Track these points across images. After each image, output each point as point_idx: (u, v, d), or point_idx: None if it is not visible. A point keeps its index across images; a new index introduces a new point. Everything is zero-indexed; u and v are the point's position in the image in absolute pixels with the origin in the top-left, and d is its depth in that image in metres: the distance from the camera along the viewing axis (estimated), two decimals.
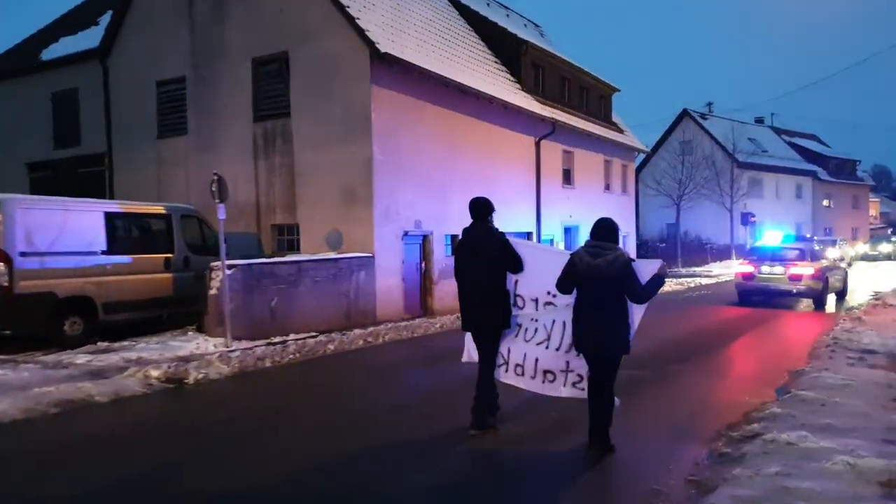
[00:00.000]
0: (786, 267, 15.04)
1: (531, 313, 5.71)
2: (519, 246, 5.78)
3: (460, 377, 8.29)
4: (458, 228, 16.20)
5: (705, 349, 10.00)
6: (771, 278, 15.24)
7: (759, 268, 15.52)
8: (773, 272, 15.20)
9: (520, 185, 18.64)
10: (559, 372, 5.65)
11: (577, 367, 5.53)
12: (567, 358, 5.56)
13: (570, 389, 5.64)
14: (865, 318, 12.49)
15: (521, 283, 5.75)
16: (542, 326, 5.67)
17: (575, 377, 5.58)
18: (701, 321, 13.15)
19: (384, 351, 10.50)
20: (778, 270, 15.12)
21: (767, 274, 15.30)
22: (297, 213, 13.95)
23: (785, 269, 14.98)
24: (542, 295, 5.64)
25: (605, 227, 5.10)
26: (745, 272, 15.88)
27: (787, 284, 14.93)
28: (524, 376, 5.83)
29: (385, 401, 7.28)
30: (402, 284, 13.80)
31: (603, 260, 4.90)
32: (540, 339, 5.69)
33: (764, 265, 15.47)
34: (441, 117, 15.23)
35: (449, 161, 15.49)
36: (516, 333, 5.79)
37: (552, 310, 5.60)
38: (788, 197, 44.86)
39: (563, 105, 21.63)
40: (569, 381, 5.62)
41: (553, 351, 5.64)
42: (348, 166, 13.21)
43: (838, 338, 10.20)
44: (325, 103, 13.45)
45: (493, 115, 17.18)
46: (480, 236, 5.72)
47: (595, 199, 23.62)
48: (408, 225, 14.00)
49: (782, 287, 15.04)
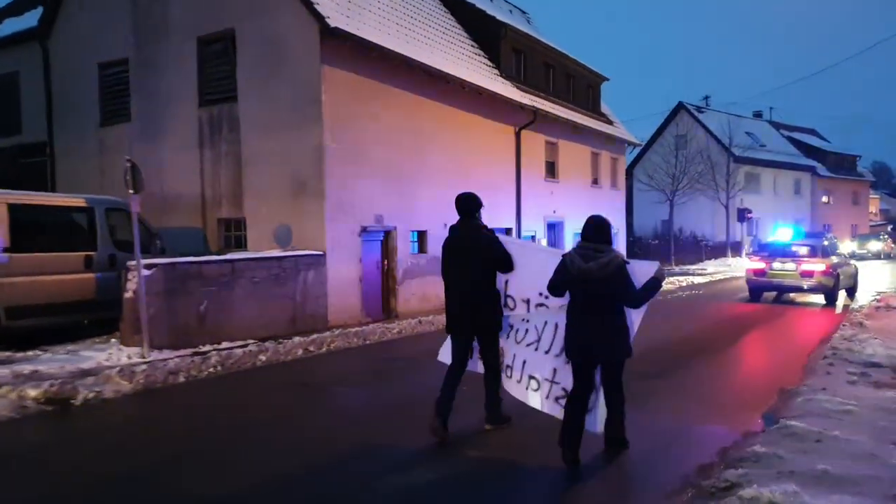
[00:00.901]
0: (797, 263, 15.05)
1: (522, 314, 5.47)
2: (509, 244, 5.51)
3: (407, 393, 7.12)
4: (426, 224, 15.12)
5: (684, 361, 8.76)
6: (782, 274, 15.26)
7: (770, 264, 15.49)
8: (785, 268, 15.21)
9: (498, 177, 17.41)
10: (543, 381, 5.31)
11: (562, 380, 5.16)
12: (555, 364, 5.22)
13: (551, 404, 5.25)
14: (868, 324, 11.28)
15: (512, 284, 5.50)
16: (534, 328, 5.42)
17: (559, 391, 5.19)
18: (686, 325, 11.95)
19: (326, 362, 9.28)
20: (789, 266, 15.14)
21: (779, 270, 15.29)
22: (244, 207, 12.71)
23: (796, 265, 15.01)
24: (533, 296, 5.37)
25: (598, 227, 4.78)
26: (756, 268, 15.85)
27: (798, 280, 14.97)
28: (511, 379, 5.58)
29: (303, 431, 6.03)
30: (360, 285, 12.57)
31: (595, 263, 4.60)
32: (530, 341, 5.44)
33: (775, 261, 15.45)
34: (408, 103, 13.99)
35: (417, 151, 14.26)
36: (507, 334, 5.56)
37: (544, 311, 5.33)
38: (787, 192, 43.65)
39: (546, 93, 20.38)
40: (552, 395, 5.25)
41: (542, 354, 5.34)
42: (297, 155, 11.97)
43: (838, 348, 8.99)
44: (273, 85, 12.20)
45: (467, 101, 15.94)
46: (467, 234, 5.43)
47: (582, 193, 22.39)
48: (367, 220, 12.76)
49: (793, 283, 15.10)
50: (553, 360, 5.25)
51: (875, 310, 13.35)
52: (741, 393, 7.28)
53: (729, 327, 12.02)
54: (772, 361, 9.02)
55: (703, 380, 7.89)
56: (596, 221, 4.79)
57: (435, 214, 14.82)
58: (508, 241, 5.63)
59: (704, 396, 7.04)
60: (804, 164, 45.47)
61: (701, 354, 9.28)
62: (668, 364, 8.46)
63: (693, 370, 8.33)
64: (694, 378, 7.90)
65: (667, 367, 8.24)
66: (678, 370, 8.22)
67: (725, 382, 7.84)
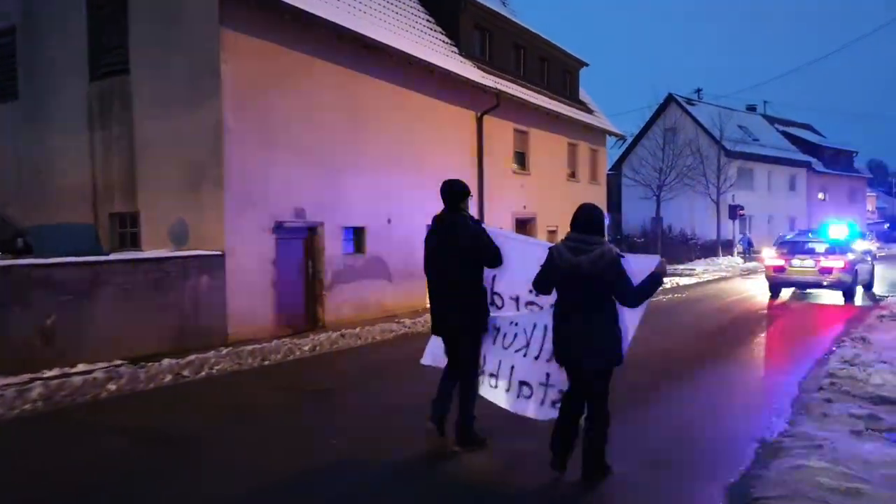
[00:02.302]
0: (816, 260, 15.22)
1: (511, 315, 5.07)
2: (497, 237, 5.05)
3: (280, 459, 5.15)
4: (365, 219, 12.56)
5: (640, 394, 6.85)
6: (801, 271, 15.43)
7: (789, 261, 15.66)
8: (804, 265, 15.39)
9: (455, 167, 15.46)
10: (537, 385, 4.86)
11: (558, 383, 4.72)
12: (548, 369, 4.77)
13: (549, 409, 4.76)
14: (871, 339, 9.42)
15: (500, 280, 5.09)
16: (522, 331, 4.97)
17: (555, 394, 4.74)
18: (657, 338, 10.04)
19: (195, 393, 7.33)
20: (808, 263, 15.33)
21: (798, 267, 15.47)
22: (138, 199, 10.79)
23: (815, 263, 15.18)
24: (522, 293, 4.97)
25: (589, 216, 4.30)
26: (776, 265, 15.95)
27: (817, 277, 15.14)
28: (498, 389, 5.09)
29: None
30: (274, 292, 10.65)
31: (586, 257, 4.13)
32: (518, 346, 4.97)
33: (794, 258, 15.65)
34: (341, 79, 12.07)
35: (353, 134, 12.35)
36: (494, 338, 5.10)
37: (534, 311, 4.93)
38: (781, 189, 41.84)
39: (515, 77, 18.47)
40: (548, 399, 4.79)
41: (531, 360, 4.89)
42: (194, 137, 10.04)
43: (837, 375, 7.12)
44: (168, 54, 10.29)
45: (418, 81, 14.05)
46: (451, 226, 4.97)
47: (557, 187, 20.50)
48: (283, 214, 10.85)
49: (813, 279, 15.28)
50: (545, 365, 4.77)
51: (879, 320, 11.50)
52: (709, 443, 5.39)
53: (708, 341, 10.16)
54: (753, 393, 7.15)
55: (659, 423, 5.99)
56: (587, 211, 4.29)
57: (376, 208, 12.96)
58: (497, 232, 5.12)
59: (656, 452, 5.15)
60: (799, 159, 43.66)
61: (665, 381, 7.40)
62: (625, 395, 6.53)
63: (647, 408, 6.43)
64: (643, 425, 5.98)
65: (620, 402, 6.32)
66: (625, 411, 6.26)
67: (688, 426, 5.93)
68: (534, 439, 4.75)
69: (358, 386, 7.60)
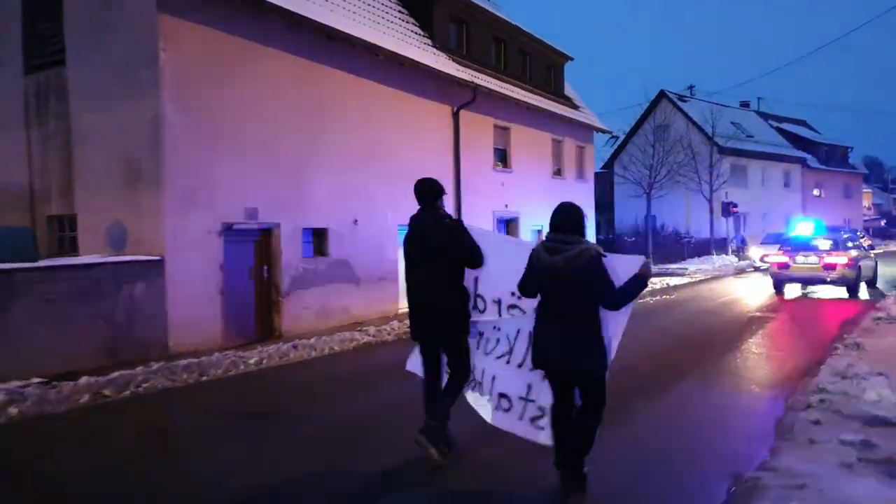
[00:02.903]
0: (820, 257, 15.45)
1: (493, 319, 4.76)
2: (479, 236, 4.76)
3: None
4: (327, 220, 10.72)
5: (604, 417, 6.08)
6: (805, 267, 15.64)
7: (793, 258, 15.86)
8: (808, 262, 15.60)
9: (430, 164, 14.69)
10: (517, 399, 4.56)
11: (539, 398, 4.40)
12: (529, 380, 4.45)
13: (526, 426, 4.49)
14: (866, 345, 8.66)
15: (482, 281, 4.81)
16: (505, 337, 4.67)
17: (535, 411, 4.43)
18: (635, 344, 9.28)
19: (109, 417, 6.54)
20: (812, 260, 15.54)
21: (802, 263, 15.68)
22: (76, 200, 10.01)
23: (819, 259, 15.41)
24: (504, 295, 4.66)
25: (567, 215, 4.02)
26: (779, 262, 16.15)
27: (821, 273, 15.33)
28: (481, 399, 4.83)
29: None
30: (221, 299, 9.86)
31: (562, 257, 3.87)
32: (501, 353, 4.68)
33: (798, 255, 15.83)
34: (300, 71, 11.31)
35: (313, 130, 11.58)
36: (476, 343, 4.82)
37: (517, 315, 4.59)
38: (775, 185, 41.10)
39: (494, 70, 17.71)
40: (526, 415, 4.49)
41: (514, 368, 4.57)
42: (132, 131, 9.28)
43: (828, 390, 6.35)
44: (105, 43, 9.51)
45: (388, 73, 13.29)
46: (428, 225, 4.71)
47: (541, 185, 19.74)
48: (233, 215, 10.07)
49: (817, 275, 15.48)
50: (527, 375, 4.49)
51: (875, 323, 10.74)
52: (675, 479, 4.62)
53: (690, 348, 9.40)
54: (733, 412, 6.37)
55: (621, 452, 5.20)
56: (565, 209, 4.09)
57: (341, 208, 12.18)
58: (478, 231, 4.85)
59: (608, 492, 4.37)
60: (794, 155, 42.94)
61: (635, 399, 6.60)
62: None
63: (608, 435, 5.65)
64: (604, 450, 5.22)
65: None
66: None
67: (653, 457, 5.15)
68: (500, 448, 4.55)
69: (301, 407, 6.77)
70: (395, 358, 9.55)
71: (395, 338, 10.78)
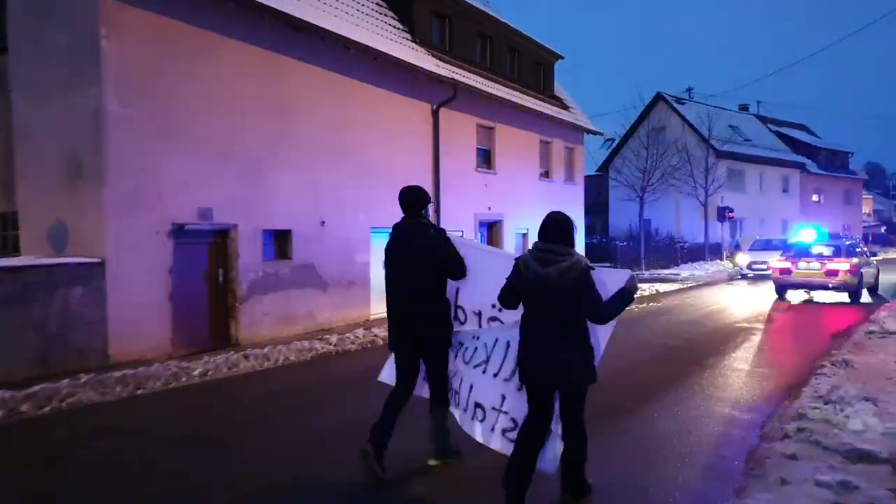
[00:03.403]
0: (822, 263, 15.69)
1: (473, 330, 4.68)
2: (462, 246, 4.69)
3: None
4: (291, 221, 9.75)
5: None
6: (808, 273, 15.87)
7: (796, 263, 16.07)
8: (810, 268, 15.83)
9: (407, 164, 14.14)
10: (490, 410, 4.49)
11: (511, 409, 4.34)
12: (504, 390, 4.40)
13: (498, 439, 4.39)
14: (856, 362, 8.07)
15: (464, 293, 4.73)
16: (483, 346, 4.62)
17: (507, 422, 4.35)
18: (610, 360, 8.64)
19: (17, 437, 5.98)
20: (815, 266, 15.77)
21: (804, 269, 15.90)
22: (17, 197, 9.42)
23: (822, 265, 15.64)
24: (485, 308, 4.57)
25: (558, 225, 3.95)
26: (782, 267, 16.39)
27: (823, 279, 15.60)
28: (458, 407, 4.73)
29: None
30: (170, 305, 9.26)
31: (555, 269, 3.80)
32: (478, 361, 4.61)
33: (801, 261, 16.07)
34: (262, 63, 10.72)
35: (276, 125, 10.98)
36: (456, 353, 4.75)
37: (497, 327, 4.53)
38: (773, 190, 40.47)
39: (480, 68, 17.13)
40: (498, 426, 4.40)
41: (490, 377, 4.51)
42: (73, 124, 8.69)
43: (808, 416, 5.75)
44: (47, 29, 8.93)
45: (359, 68, 12.70)
46: (411, 234, 4.62)
47: (528, 187, 19.17)
48: (183, 215, 9.47)
49: (819, 281, 15.73)
50: (502, 385, 4.45)
51: (867, 336, 10.13)
52: None
53: (667, 363, 8.79)
54: (700, 441, 5.74)
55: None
56: (555, 218, 3.99)
57: (307, 209, 11.59)
58: (460, 242, 4.77)
59: None
60: (793, 160, 42.30)
61: (598, 422, 6.00)
62: None
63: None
64: (540, 494, 4.60)
65: None
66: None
67: (605, 498, 4.56)
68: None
69: (239, 427, 6.14)
70: (353, 370, 9.02)
71: (358, 347, 10.18)
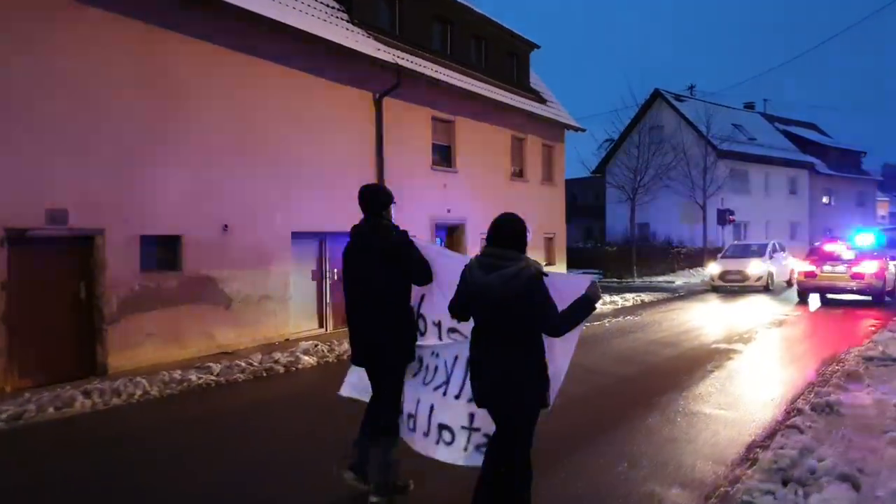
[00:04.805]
0: (848, 266, 15.62)
1: (432, 343, 4.28)
2: (427, 249, 4.29)
3: None
4: (180, 225, 7.23)
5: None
6: (833, 276, 15.80)
7: (821, 267, 16.00)
8: (836, 271, 15.77)
9: (339, 160, 12.45)
10: (459, 429, 4.05)
11: (484, 425, 3.91)
12: (470, 409, 3.96)
13: (475, 455, 3.94)
14: (842, 405, 6.24)
15: (427, 301, 4.33)
16: (443, 364, 4.20)
17: (480, 438, 3.95)
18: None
19: None
20: (840, 269, 15.71)
21: (829, 272, 15.85)
22: None
23: (847, 268, 15.59)
24: (445, 318, 4.10)
25: (506, 228, 3.51)
26: (807, 271, 16.33)
27: (848, 282, 15.56)
28: (416, 432, 4.26)
29: None
30: (4, 328, 7.58)
31: (497, 276, 3.38)
32: (438, 383, 4.20)
33: (826, 264, 16.01)
34: (138, 39, 9.08)
35: (160, 113, 9.33)
36: (415, 371, 4.31)
37: (457, 340, 4.11)
38: (780, 192, 38.34)
39: (436, 55, 15.44)
40: (472, 443, 3.98)
41: (452, 399, 4.10)
42: None
43: (755, 503, 3.96)
44: None
45: (275, 48, 11.04)
46: (370, 236, 4.20)
47: (496, 188, 17.42)
48: (26, 217, 7.80)
49: (843, 285, 15.70)
50: (466, 406, 3.95)
51: (863, 364, 8.27)
52: None
53: (610, 399, 7.01)
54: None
55: None
56: (505, 219, 3.54)
57: (204, 210, 9.94)
58: (425, 246, 4.30)
59: None
60: (801, 159, 40.13)
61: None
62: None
63: None
64: None
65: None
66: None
67: None
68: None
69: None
70: (222, 410, 7.30)
71: (248, 377, 8.46)
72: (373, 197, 4.31)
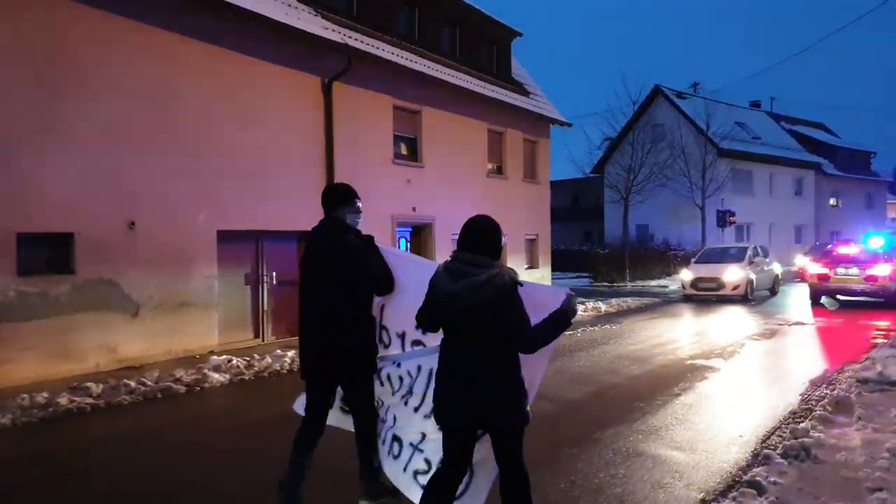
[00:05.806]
0: (862, 268, 15.49)
1: (395, 354, 4.00)
2: (389, 254, 3.99)
3: None
4: (72, 220, 5.55)
5: None
6: (846, 279, 15.66)
7: (834, 269, 15.85)
8: (849, 273, 15.63)
9: (280, 150, 11.24)
10: (407, 446, 3.85)
11: (428, 450, 3.67)
12: (424, 427, 3.74)
13: (408, 480, 3.74)
14: (823, 447, 4.94)
15: (388, 310, 4.02)
16: (406, 373, 3.93)
17: (420, 464, 3.72)
18: None
19: None
20: (854, 272, 15.59)
21: (843, 275, 15.70)
22: None
23: (861, 271, 15.48)
24: (409, 329, 3.85)
25: (478, 232, 3.18)
26: (820, 273, 16.09)
27: (862, 285, 15.45)
28: (379, 438, 4.08)
29: None
30: None
31: (466, 283, 3.07)
32: (403, 392, 3.94)
33: (839, 267, 15.86)
34: (21, 7, 7.92)
35: (45, 93, 8.14)
36: (382, 382, 4.05)
37: (420, 351, 3.84)
38: (785, 193, 36.86)
39: (401, 38, 14.21)
40: (410, 467, 3.78)
41: (411, 411, 3.85)
42: None
43: None
44: None
45: (205, 25, 9.85)
46: (326, 238, 3.88)
47: (470, 185, 16.18)
48: None
49: (857, 287, 15.56)
50: (422, 422, 3.74)
51: (856, 388, 6.94)
52: None
53: (558, 428, 5.72)
54: None
55: None
56: (476, 223, 3.22)
57: (102, 205, 8.76)
58: (389, 251, 4.02)
59: None
60: (807, 159, 38.59)
61: None
62: None
63: None
64: None
65: None
66: None
67: None
68: None
69: None
70: (79, 445, 5.76)
71: (137, 399, 7.22)
72: (326, 194, 4.01)
